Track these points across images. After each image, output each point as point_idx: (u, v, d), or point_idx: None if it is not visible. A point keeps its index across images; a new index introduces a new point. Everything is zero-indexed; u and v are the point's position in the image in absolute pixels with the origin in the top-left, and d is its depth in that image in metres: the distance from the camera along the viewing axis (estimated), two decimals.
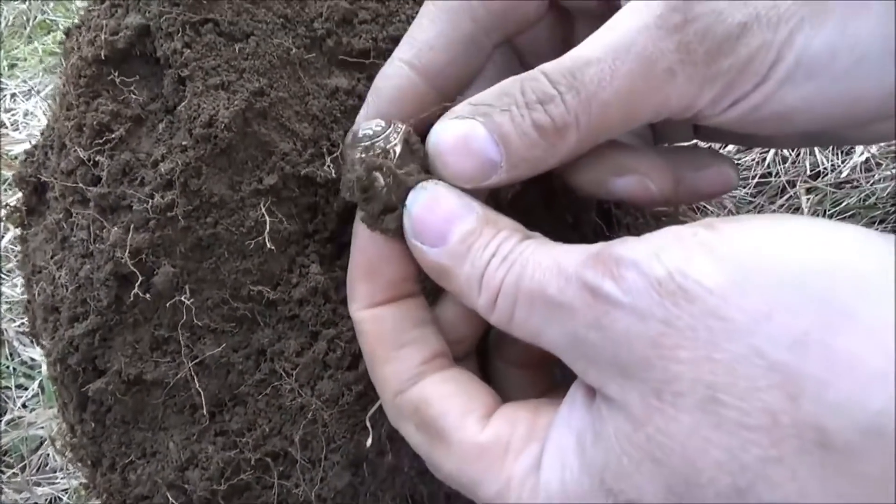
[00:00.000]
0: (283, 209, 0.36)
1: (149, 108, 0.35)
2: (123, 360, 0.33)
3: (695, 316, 0.23)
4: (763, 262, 0.23)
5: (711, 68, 0.28)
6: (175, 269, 0.34)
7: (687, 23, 0.27)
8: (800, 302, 0.22)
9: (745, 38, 0.27)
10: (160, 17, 0.33)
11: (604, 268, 0.25)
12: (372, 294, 0.33)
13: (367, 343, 0.33)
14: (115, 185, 0.33)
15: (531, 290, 0.27)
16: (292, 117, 0.37)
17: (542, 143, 0.30)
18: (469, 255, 0.30)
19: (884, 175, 0.50)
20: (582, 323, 0.26)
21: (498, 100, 0.30)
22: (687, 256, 0.24)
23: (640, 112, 0.29)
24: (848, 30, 0.26)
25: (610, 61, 0.28)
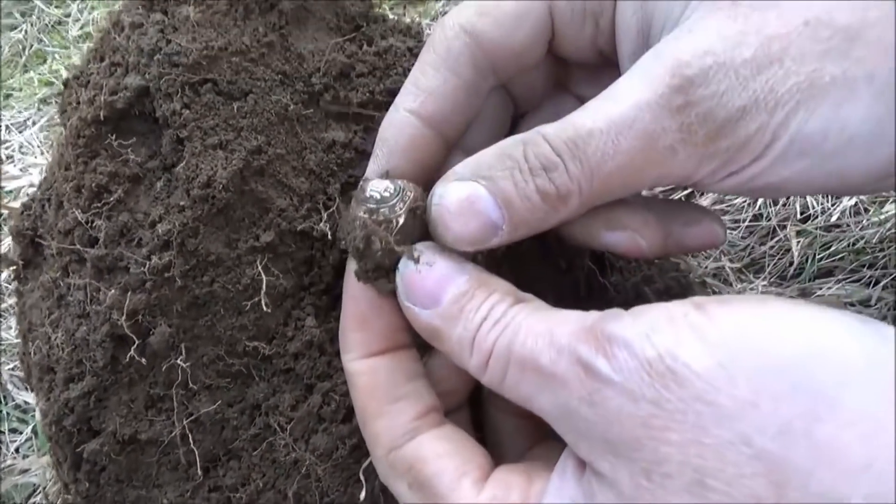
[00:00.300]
0: (279, 264, 0.37)
1: (147, 167, 0.35)
2: (118, 420, 0.33)
3: (684, 399, 0.23)
4: (750, 348, 0.23)
5: (710, 148, 0.28)
6: (171, 328, 0.34)
7: (689, 105, 0.28)
8: (784, 390, 0.22)
9: (744, 122, 0.28)
10: (160, 79, 0.33)
11: (596, 344, 0.26)
12: (366, 344, 0.33)
13: (360, 397, 0.33)
14: (113, 247, 0.33)
15: (523, 356, 0.28)
16: (289, 173, 0.37)
17: (544, 207, 0.30)
18: (461, 317, 0.30)
19: (872, 221, 0.51)
20: (574, 396, 0.26)
21: (500, 162, 0.30)
22: (677, 338, 0.24)
23: (641, 182, 0.30)
24: (840, 113, 0.27)
25: (613, 135, 0.29)
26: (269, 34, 0.36)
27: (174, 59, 0.33)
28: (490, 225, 0.30)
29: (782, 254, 0.53)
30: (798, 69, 0.27)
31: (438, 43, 0.34)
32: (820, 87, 0.27)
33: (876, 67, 0.27)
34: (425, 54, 0.35)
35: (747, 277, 0.52)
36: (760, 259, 0.53)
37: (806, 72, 0.27)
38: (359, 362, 0.33)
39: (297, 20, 0.38)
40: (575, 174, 0.30)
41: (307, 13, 0.38)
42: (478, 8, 0.34)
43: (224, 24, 0.35)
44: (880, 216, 0.51)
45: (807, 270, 0.51)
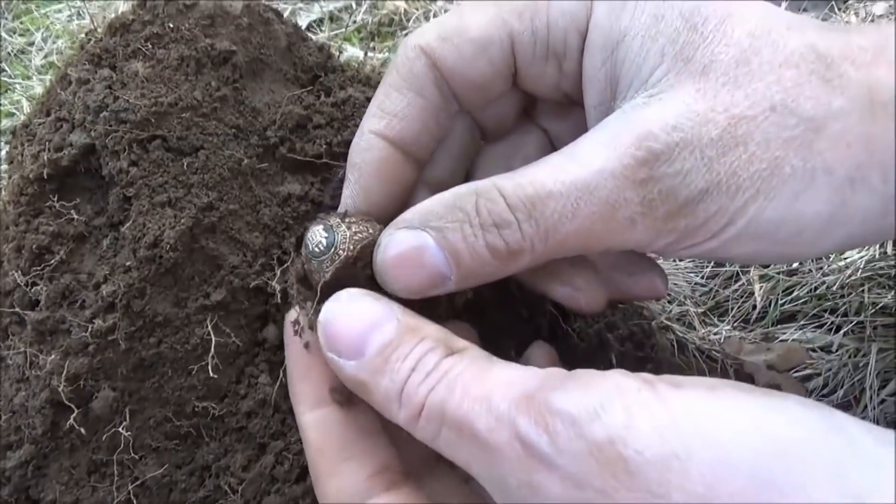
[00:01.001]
0: (231, 322, 0.36)
1: (93, 224, 0.34)
2: (59, 489, 0.32)
3: (634, 491, 0.22)
4: (704, 438, 0.22)
5: (669, 225, 0.28)
6: (115, 391, 0.33)
7: (652, 180, 0.28)
8: (741, 487, 0.21)
9: (704, 204, 0.28)
10: (106, 136, 0.33)
11: (538, 417, 0.24)
12: (314, 394, 0.32)
13: (310, 453, 0.32)
14: (54, 310, 0.32)
15: (458, 419, 0.26)
16: (243, 228, 0.36)
17: (493, 262, 0.30)
18: (387, 369, 0.28)
19: (832, 267, 0.51)
20: (512, 476, 0.25)
21: (451, 213, 0.30)
22: (628, 420, 0.23)
23: (596, 246, 0.30)
24: (796, 205, 0.27)
25: (573, 199, 0.28)
26: (221, 88, 0.36)
27: (121, 116, 0.33)
28: (437, 275, 0.30)
29: (746, 297, 0.53)
30: (762, 155, 0.27)
31: (401, 65, 0.33)
32: (780, 177, 0.27)
33: (836, 162, 0.27)
34: (388, 77, 0.34)
35: (711, 321, 0.53)
36: (724, 303, 0.53)
37: (769, 158, 0.27)
38: (309, 415, 0.32)
39: (252, 73, 0.37)
40: (528, 233, 0.29)
41: (263, 65, 0.38)
42: (439, 31, 0.33)
43: (174, 80, 0.34)
44: (841, 262, 0.52)
45: (770, 315, 0.52)
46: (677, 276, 0.55)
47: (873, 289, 0.50)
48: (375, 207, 0.33)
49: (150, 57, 0.34)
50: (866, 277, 0.51)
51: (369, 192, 0.33)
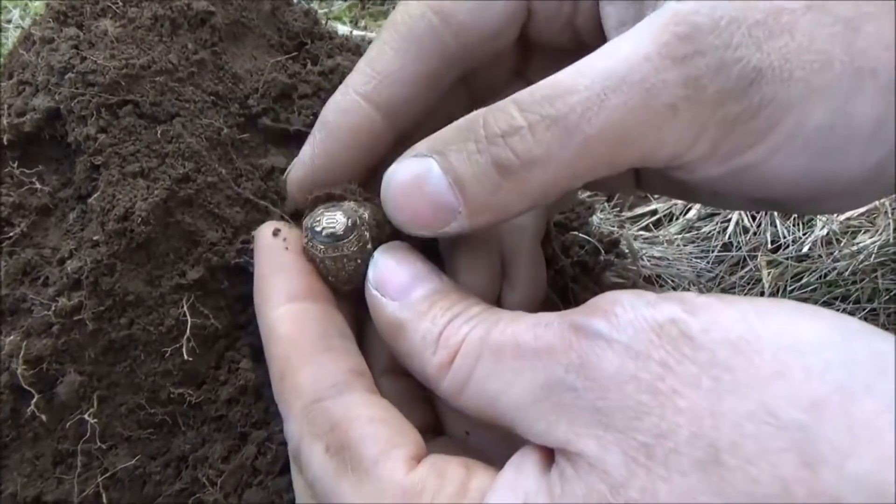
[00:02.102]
0: (209, 303, 0.33)
1: (59, 196, 0.31)
2: (21, 480, 0.30)
3: (699, 363, 0.20)
4: (773, 327, 0.20)
5: (718, 112, 0.25)
6: (82, 376, 0.30)
7: (698, 54, 0.24)
8: (817, 365, 0.19)
9: (758, 86, 0.24)
10: (72, 100, 0.30)
11: (595, 309, 0.22)
12: (289, 284, 0.28)
13: (281, 345, 0.28)
14: (14, 287, 0.29)
15: (500, 342, 0.24)
16: (222, 202, 0.34)
17: (504, 184, 0.26)
18: (430, 313, 0.27)
19: (844, 252, 0.49)
20: (561, 364, 0.22)
21: (457, 134, 0.26)
22: (691, 310, 0.21)
23: (626, 154, 0.26)
24: (847, 107, 0.24)
25: (599, 90, 0.24)
26: (199, 52, 0.33)
27: (89, 78, 0.30)
28: (444, 207, 0.26)
29: (753, 284, 0.51)
30: (809, 46, 0.24)
31: (401, 23, 0.30)
32: (832, 73, 0.24)
33: (878, 63, 0.24)
34: (385, 32, 0.30)
35: None
36: (730, 289, 0.51)
37: (816, 51, 0.24)
38: (282, 308, 0.28)
39: (233, 37, 0.35)
40: (542, 137, 0.25)
41: (245, 29, 0.35)
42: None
43: (148, 41, 0.32)
44: (853, 247, 0.50)
45: None
46: (682, 262, 0.53)
47: (886, 274, 0.48)
48: (339, 172, 0.30)
49: (120, 15, 0.31)
50: (879, 263, 0.49)
51: (335, 156, 0.30)
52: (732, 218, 0.54)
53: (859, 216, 0.52)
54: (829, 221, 0.52)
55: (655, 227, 0.56)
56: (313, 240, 0.29)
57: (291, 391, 0.27)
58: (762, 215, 0.54)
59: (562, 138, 0.25)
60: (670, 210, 0.56)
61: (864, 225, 0.52)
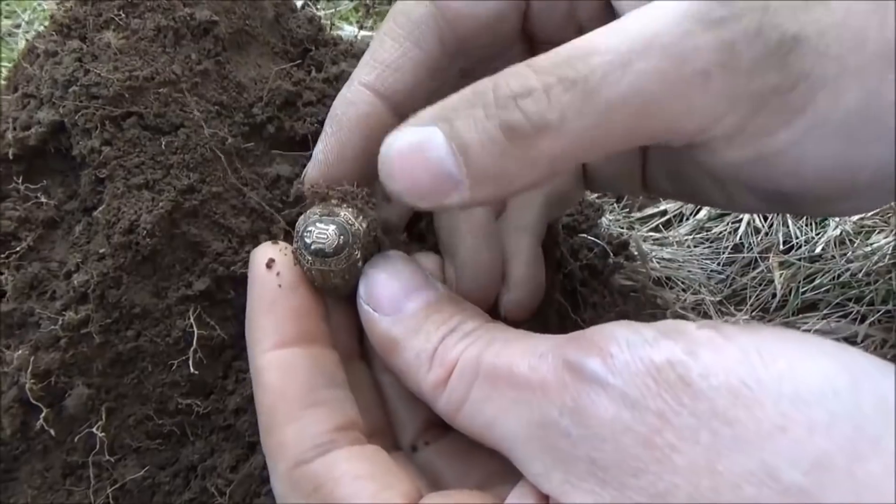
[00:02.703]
0: (216, 313, 0.33)
1: (65, 209, 0.31)
2: (31, 493, 0.30)
3: (698, 415, 0.19)
4: (777, 371, 0.19)
5: (755, 82, 0.23)
6: (90, 388, 0.30)
7: (733, 18, 0.22)
8: (821, 418, 0.18)
9: (796, 57, 0.22)
10: (76, 113, 0.30)
11: (590, 345, 0.21)
12: (278, 328, 0.27)
13: (267, 397, 0.26)
14: (22, 301, 0.29)
15: (495, 366, 0.23)
16: (227, 212, 0.34)
17: (511, 150, 0.23)
18: (424, 328, 0.26)
19: (857, 253, 0.48)
20: (555, 405, 0.21)
21: (465, 100, 0.25)
22: (691, 348, 0.20)
23: (648, 125, 0.24)
24: (881, 91, 0.23)
25: (624, 51, 0.22)
26: (203, 61, 0.33)
27: (93, 91, 0.30)
28: (444, 176, 0.24)
29: (764, 286, 0.50)
30: (845, 21, 0.22)
31: (399, 13, 0.29)
32: (866, 54, 0.23)
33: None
34: (385, 24, 0.30)
35: (728, 310, 0.50)
36: (742, 291, 0.50)
37: (852, 28, 0.23)
38: (270, 354, 0.27)
39: (237, 45, 0.35)
40: (559, 101, 0.23)
41: (249, 37, 0.35)
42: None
43: (151, 52, 0.32)
44: (866, 248, 0.49)
45: (790, 303, 0.49)
46: (692, 264, 0.52)
47: None
48: (348, 165, 0.30)
49: (123, 27, 0.31)
50: (893, 264, 0.48)
51: (345, 148, 0.29)
52: (744, 218, 0.53)
53: (873, 216, 0.51)
54: (842, 221, 0.51)
55: (665, 227, 0.55)
56: (301, 249, 0.28)
57: (277, 449, 0.26)
58: (774, 215, 0.53)
59: (580, 103, 0.23)
60: (680, 210, 0.56)
61: (879, 225, 0.51)
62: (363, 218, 0.29)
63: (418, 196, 0.25)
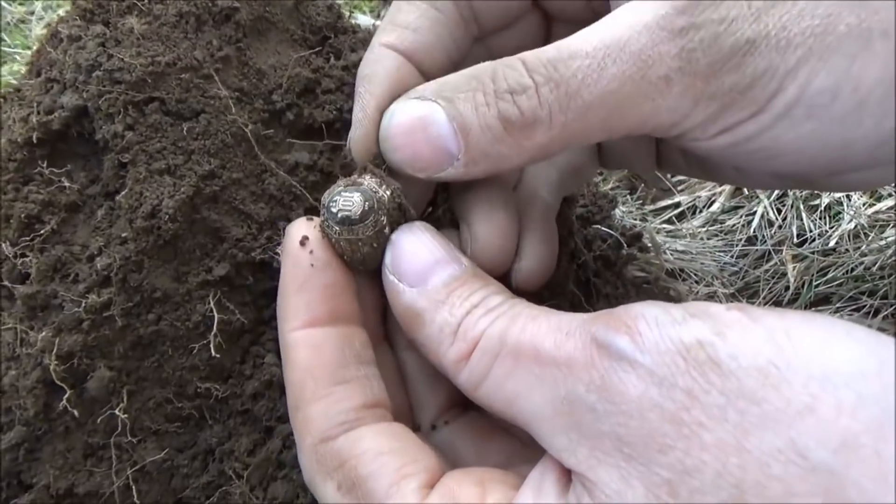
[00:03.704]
0: (235, 298, 0.34)
1: (87, 193, 0.32)
2: (53, 473, 0.30)
3: (726, 394, 0.19)
4: (806, 352, 0.19)
5: (711, 84, 0.25)
6: (112, 371, 0.31)
7: (693, 28, 0.25)
8: (850, 399, 0.19)
9: (752, 57, 0.24)
10: (99, 97, 0.30)
11: (618, 323, 0.22)
12: (309, 307, 0.27)
13: (297, 374, 0.27)
14: (45, 283, 0.30)
15: (520, 343, 0.24)
16: (247, 199, 0.34)
17: (506, 138, 0.26)
18: (448, 301, 0.26)
19: (871, 247, 0.48)
20: (582, 382, 0.22)
21: (466, 83, 0.27)
22: (720, 329, 0.20)
23: (623, 121, 0.26)
24: (852, 69, 0.24)
25: (600, 58, 0.25)
26: (224, 48, 0.33)
27: (116, 76, 0.30)
28: (443, 152, 0.27)
29: (777, 278, 0.50)
30: (813, 10, 0.24)
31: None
32: (834, 36, 0.24)
33: (891, 24, 0.24)
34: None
35: (740, 303, 0.50)
36: (754, 283, 0.50)
37: (821, 15, 0.24)
38: (300, 332, 0.27)
39: (257, 32, 0.35)
40: (547, 99, 0.26)
41: (268, 24, 0.35)
42: None
43: (173, 38, 0.32)
44: (880, 242, 0.49)
45: (803, 296, 0.49)
46: (705, 256, 0.52)
47: None
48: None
49: (146, 12, 0.31)
50: None
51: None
52: (757, 211, 0.53)
53: (888, 209, 0.51)
54: (856, 215, 0.51)
55: (678, 220, 0.55)
56: (328, 220, 0.28)
57: (303, 425, 0.27)
58: (788, 208, 0.53)
59: (562, 101, 0.26)
60: (694, 203, 0.55)
61: (893, 219, 0.51)
62: (386, 186, 0.29)
63: (418, 168, 0.28)
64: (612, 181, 0.57)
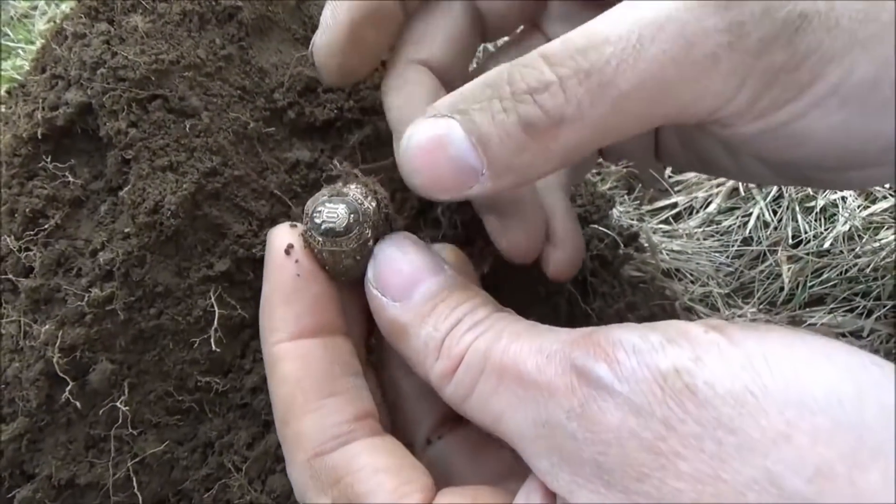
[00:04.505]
0: (235, 293, 0.34)
1: (90, 188, 0.32)
2: (55, 464, 0.31)
3: (703, 423, 0.19)
4: (782, 377, 0.20)
5: (762, 61, 0.23)
6: (113, 364, 0.31)
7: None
8: (825, 427, 0.19)
9: (804, 34, 0.23)
10: (104, 94, 0.31)
11: (597, 349, 0.22)
12: (295, 320, 0.27)
13: (284, 387, 0.26)
14: (49, 277, 0.30)
15: (503, 363, 0.24)
16: (248, 196, 0.34)
17: (530, 144, 0.24)
18: (432, 316, 0.26)
19: (865, 249, 0.49)
20: (562, 408, 0.22)
21: (482, 92, 0.25)
22: (697, 355, 0.20)
23: (662, 110, 0.24)
24: (892, 60, 0.23)
25: (634, 39, 0.23)
26: (226, 46, 0.33)
27: (120, 74, 0.31)
28: (466, 170, 0.25)
29: (772, 279, 0.51)
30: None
31: None
32: (878, 24, 0.23)
33: None
34: None
35: (735, 303, 0.50)
36: (750, 284, 0.51)
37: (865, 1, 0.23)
38: (287, 344, 0.27)
39: (259, 31, 0.35)
40: (574, 92, 0.23)
41: (270, 23, 0.36)
42: None
43: (176, 36, 0.32)
44: (875, 244, 0.49)
45: (797, 297, 0.49)
46: (701, 256, 0.53)
47: None
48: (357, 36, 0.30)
49: (150, 11, 0.32)
50: None
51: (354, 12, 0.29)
52: (753, 212, 0.54)
53: (883, 212, 0.52)
54: (851, 217, 0.51)
55: (675, 220, 0.56)
56: (312, 231, 0.27)
57: (294, 439, 0.26)
58: (783, 209, 0.53)
59: (595, 94, 0.23)
60: (690, 203, 0.56)
61: (888, 221, 0.51)
62: (372, 197, 0.28)
63: (441, 190, 0.26)
64: (611, 181, 0.58)
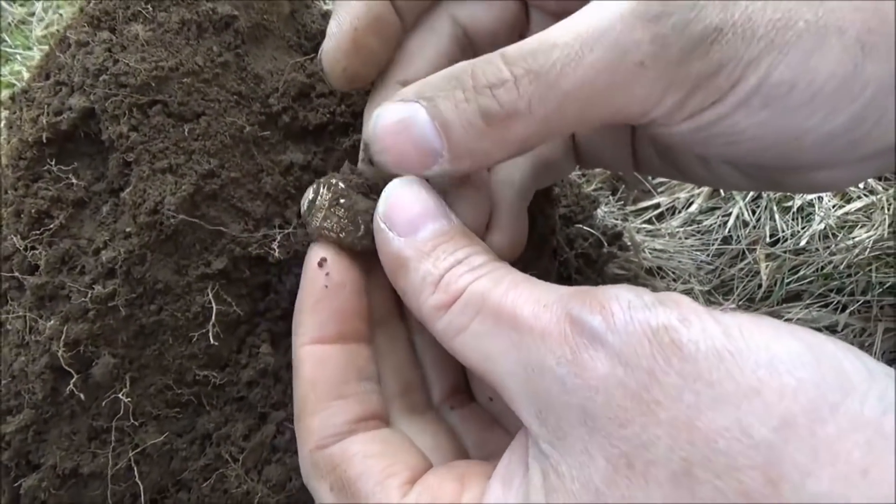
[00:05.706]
0: (232, 291, 0.35)
1: (93, 189, 0.33)
2: (59, 454, 0.32)
3: (684, 376, 0.21)
4: (757, 343, 0.21)
5: (682, 69, 0.26)
6: (115, 358, 0.32)
7: (665, 14, 0.26)
8: (791, 384, 0.21)
9: (719, 45, 0.26)
10: (106, 100, 0.32)
11: (593, 302, 0.23)
12: (318, 327, 0.30)
13: (301, 387, 0.30)
14: (54, 275, 0.31)
15: (501, 306, 0.25)
16: (244, 197, 0.36)
17: (488, 133, 0.27)
18: (433, 254, 0.28)
19: (840, 246, 0.51)
20: (553, 353, 0.23)
21: (446, 83, 0.28)
22: (684, 315, 0.22)
23: (599, 110, 0.27)
24: (809, 63, 0.26)
25: (577, 47, 0.26)
26: (223, 54, 0.35)
27: (121, 80, 0.32)
28: (427, 150, 0.28)
29: (751, 276, 0.52)
30: (776, 5, 0.26)
31: None
32: (794, 31, 0.25)
33: (846, 22, 0.25)
34: None
35: (716, 300, 0.52)
36: (729, 281, 0.53)
37: (783, 9, 0.26)
38: (308, 348, 0.30)
39: (255, 39, 0.37)
40: (526, 91, 0.26)
41: (265, 31, 0.37)
42: None
43: (175, 44, 0.34)
44: (849, 242, 0.51)
45: (775, 294, 0.51)
46: (682, 255, 0.55)
47: (880, 268, 0.50)
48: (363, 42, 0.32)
49: (150, 20, 0.33)
50: (874, 257, 0.50)
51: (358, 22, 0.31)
52: (733, 212, 0.56)
53: (857, 211, 0.54)
54: (826, 216, 0.53)
55: (658, 220, 0.57)
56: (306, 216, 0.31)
57: (303, 433, 0.30)
58: (762, 209, 0.55)
59: (542, 93, 0.26)
60: (673, 204, 0.58)
61: (861, 220, 0.53)
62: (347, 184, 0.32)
63: (404, 168, 0.29)
64: (595, 183, 0.60)
